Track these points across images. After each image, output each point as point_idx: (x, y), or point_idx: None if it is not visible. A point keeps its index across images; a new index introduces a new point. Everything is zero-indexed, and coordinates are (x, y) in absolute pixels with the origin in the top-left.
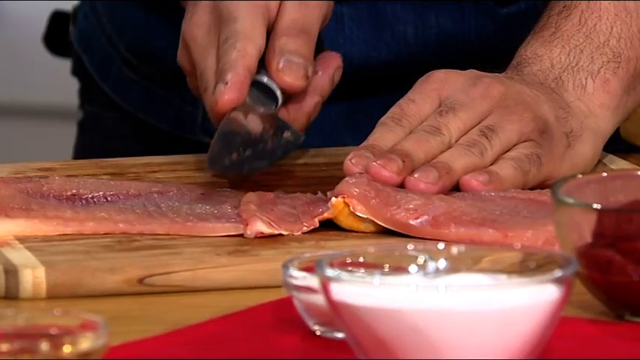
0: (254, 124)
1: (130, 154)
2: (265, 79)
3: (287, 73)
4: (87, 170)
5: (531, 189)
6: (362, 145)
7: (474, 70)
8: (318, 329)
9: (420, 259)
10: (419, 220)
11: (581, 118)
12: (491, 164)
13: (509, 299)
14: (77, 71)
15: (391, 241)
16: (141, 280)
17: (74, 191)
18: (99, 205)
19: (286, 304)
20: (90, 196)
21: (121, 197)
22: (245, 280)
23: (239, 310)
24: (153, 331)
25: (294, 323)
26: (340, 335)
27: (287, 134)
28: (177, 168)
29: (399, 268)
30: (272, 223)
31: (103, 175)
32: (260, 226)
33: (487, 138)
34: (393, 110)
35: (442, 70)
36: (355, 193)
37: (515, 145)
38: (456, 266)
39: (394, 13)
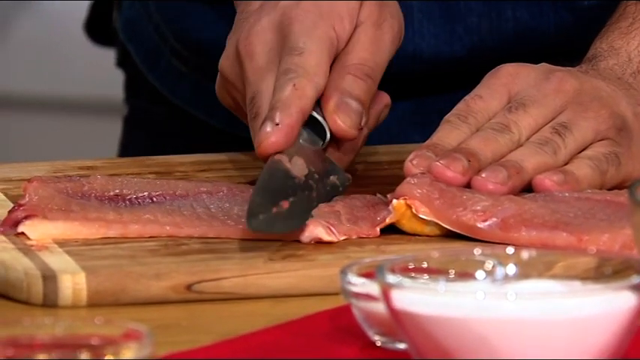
0: (299, 167)
1: (178, 150)
2: (315, 114)
3: (342, 117)
4: (131, 169)
5: (609, 190)
6: (424, 144)
7: (546, 64)
8: (378, 339)
9: (488, 265)
10: (487, 223)
11: None
12: (565, 164)
13: (584, 307)
14: (122, 62)
15: (457, 245)
16: (189, 287)
17: (117, 191)
18: (144, 206)
19: (344, 312)
20: (134, 196)
21: (168, 198)
22: (300, 286)
23: (294, 318)
24: (201, 341)
25: (353, 333)
26: (402, 346)
27: (333, 178)
28: (227, 167)
29: (465, 274)
30: (331, 228)
31: (149, 174)
32: (319, 232)
33: (560, 136)
34: (459, 107)
35: (512, 64)
36: (418, 194)
37: (590, 144)
38: (526, 272)
39: (467, 5)
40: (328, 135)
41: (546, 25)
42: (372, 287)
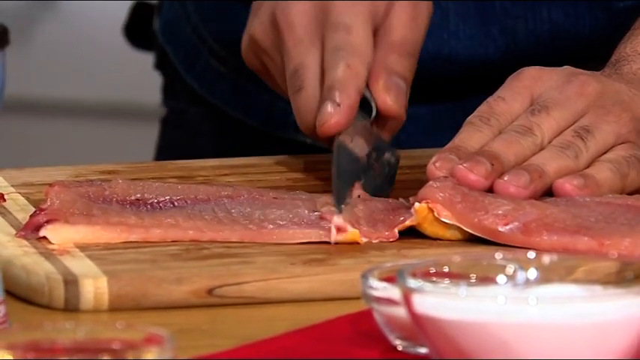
0: (360, 147)
1: (216, 152)
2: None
3: (392, 96)
4: (152, 173)
5: (630, 194)
6: (447, 146)
7: (569, 67)
8: (399, 344)
9: (509, 269)
10: (508, 227)
11: None
12: (587, 167)
13: (605, 312)
14: (161, 65)
15: (478, 250)
16: (210, 291)
17: (138, 196)
18: (165, 210)
19: (365, 316)
20: (155, 200)
21: (189, 202)
22: (321, 291)
23: (315, 323)
24: (223, 345)
25: (374, 337)
26: (423, 350)
27: (388, 155)
28: (248, 171)
29: (487, 279)
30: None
31: (170, 179)
32: (346, 226)
33: (582, 139)
34: (481, 109)
35: (535, 67)
36: (440, 197)
37: (611, 148)
38: (547, 277)
39: (503, 7)
40: (375, 110)
41: (582, 27)
42: (393, 292)
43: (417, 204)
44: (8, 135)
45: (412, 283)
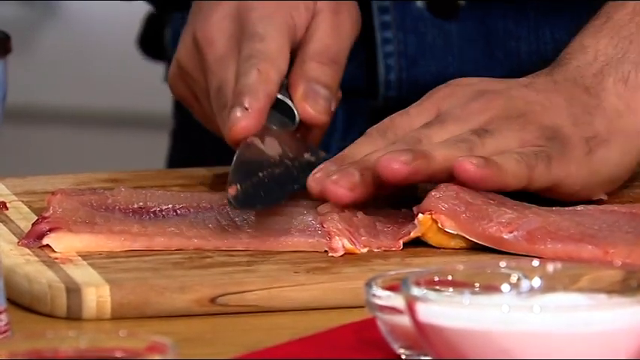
0: (273, 147)
1: (220, 160)
2: (284, 98)
3: (311, 103)
4: (155, 181)
5: (540, 191)
6: (334, 157)
7: (486, 82)
8: (403, 353)
9: (513, 278)
10: (513, 234)
11: (612, 119)
12: None
13: (610, 321)
14: None
15: (482, 258)
16: (213, 300)
17: (141, 204)
18: (168, 218)
19: (369, 325)
20: (158, 209)
21: (192, 210)
22: (325, 299)
23: (318, 331)
24: (225, 354)
25: (378, 346)
26: (427, 359)
27: (308, 155)
28: None
29: (491, 287)
30: (352, 239)
31: (173, 187)
32: (345, 243)
33: (479, 137)
34: (383, 121)
35: (454, 82)
36: (444, 208)
37: None
38: (552, 285)
39: (506, 28)
40: (298, 117)
41: None
42: (396, 300)
43: (420, 215)
44: (10, 143)
45: (416, 291)
